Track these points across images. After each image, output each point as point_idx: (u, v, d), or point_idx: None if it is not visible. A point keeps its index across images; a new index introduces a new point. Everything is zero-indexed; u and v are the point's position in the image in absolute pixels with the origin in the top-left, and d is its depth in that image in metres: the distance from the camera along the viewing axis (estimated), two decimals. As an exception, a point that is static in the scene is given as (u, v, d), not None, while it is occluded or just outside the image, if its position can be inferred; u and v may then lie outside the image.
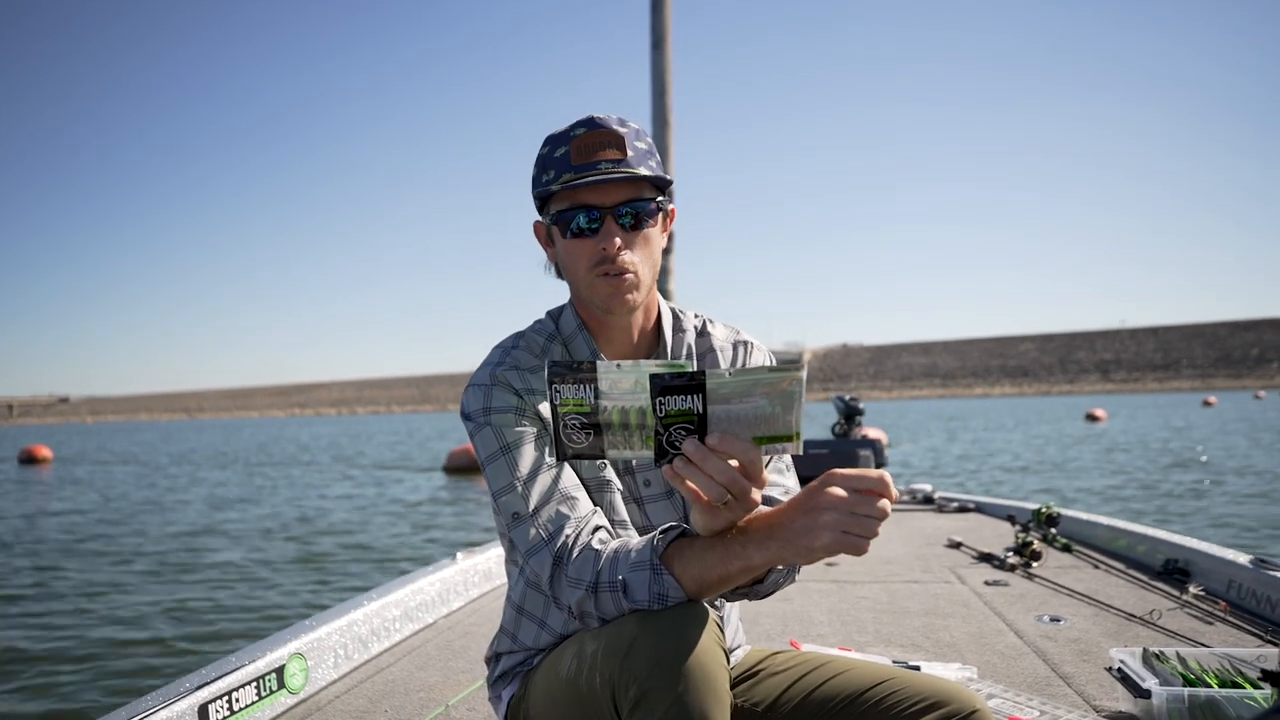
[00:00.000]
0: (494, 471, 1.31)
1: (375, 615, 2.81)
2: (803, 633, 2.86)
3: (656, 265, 1.38)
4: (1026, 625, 2.88)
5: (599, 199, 1.30)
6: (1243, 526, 8.55)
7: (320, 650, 2.50)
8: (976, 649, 2.65)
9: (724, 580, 1.12)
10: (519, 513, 1.27)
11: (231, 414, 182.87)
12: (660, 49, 6.31)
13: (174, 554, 8.87)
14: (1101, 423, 33.39)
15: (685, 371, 1.01)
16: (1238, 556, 3.10)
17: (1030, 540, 3.79)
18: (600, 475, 1.36)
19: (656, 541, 1.17)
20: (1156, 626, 2.77)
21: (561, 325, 1.46)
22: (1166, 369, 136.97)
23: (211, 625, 5.76)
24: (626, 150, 1.31)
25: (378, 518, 11.37)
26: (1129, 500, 10.77)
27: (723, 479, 1.04)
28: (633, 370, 1.01)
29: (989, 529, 4.62)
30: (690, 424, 1.02)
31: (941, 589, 3.42)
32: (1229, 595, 3.02)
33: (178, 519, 11.92)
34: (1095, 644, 2.64)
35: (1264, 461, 15.27)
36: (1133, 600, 3.10)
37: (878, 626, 2.93)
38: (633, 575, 1.15)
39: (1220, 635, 2.66)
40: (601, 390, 1.01)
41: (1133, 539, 3.77)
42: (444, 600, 3.27)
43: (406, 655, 2.77)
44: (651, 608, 1.14)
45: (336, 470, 20.65)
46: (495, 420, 1.32)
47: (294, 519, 11.40)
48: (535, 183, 1.37)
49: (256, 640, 2.42)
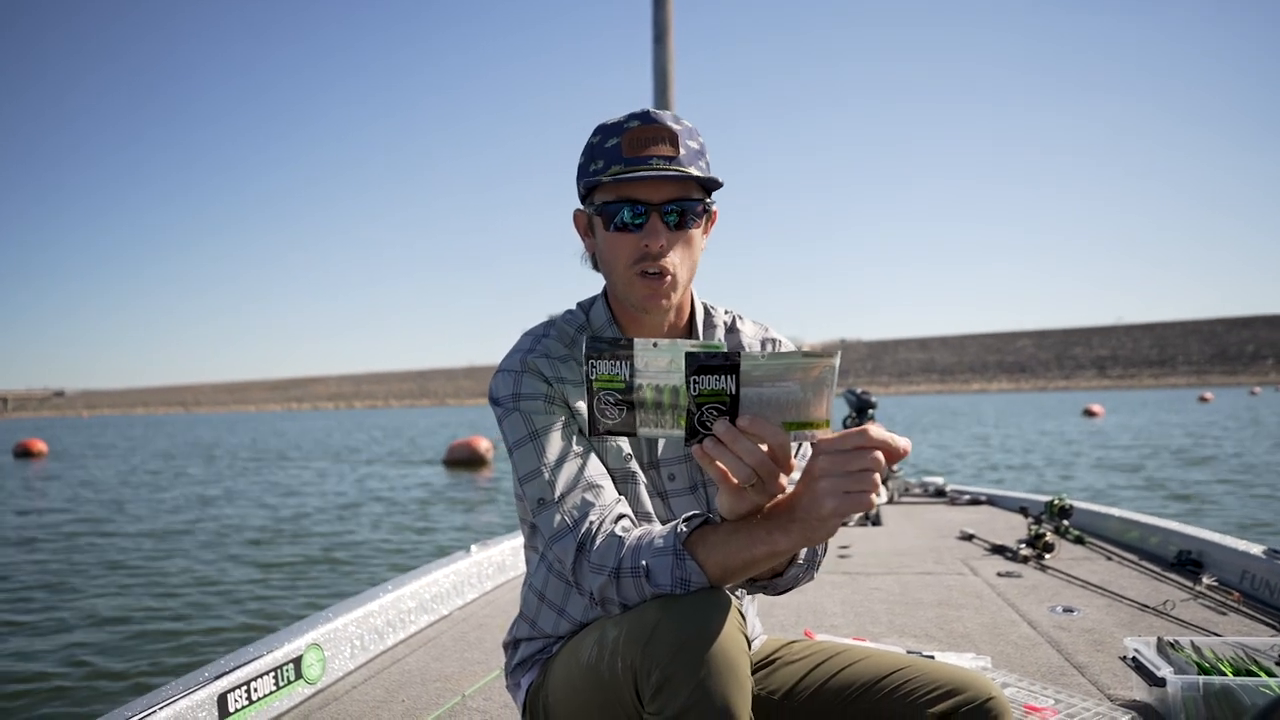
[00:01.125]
0: (521, 457, 1.31)
1: (391, 607, 2.81)
2: (817, 623, 2.86)
3: (695, 267, 1.38)
4: (1040, 616, 2.88)
5: (647, 195, 1.29)
6: (1255, 520, 8.56)
7: (337, 641, 2.50)
8: (990, 639, 2.65)
9: (748, 565, 1.12)
10: (544, 498, 1.28)
11: (228, 408, 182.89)
12: (662, 43, 6.28)
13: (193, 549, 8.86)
14: (1099, 418, 33.41)
15: (720, 351, 1.01)
16: (1251, 547, 3.10)
17: (1043, 532, 3.79)
18: (626, 467, 1.36)
19: (680, 528, 1.17)
20: (1170, 617, 2.77)
21: (592, 317, 1.46)
22: (1162, 365, 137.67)
23: (219, 621, 5.77)
24: (679, 148, 1.30)
25: (374, 514, 11.36)
26: (1134, 498, 10.79)
27: (751, 461, 1.04)
28: (669, 349, 1.01)
29: (1001, 521, 4.62)
30: (722, 405, 1.03)
31: (954, 580, 3.42)
32: (1242, 585, 3.02)
33: (201, 513, 11.91)
34: (1109, 634, 2.64)
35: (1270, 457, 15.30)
36: (1146, 591, 3.10)
37: (891, 617, 2.93)
38: (656, 560, 1.15)
39: (1234, 625, 2.67)
40: (637, 368, 1.01)
41: (1145, 530, 3.77)
42: (459, 592, 3.27)
43: (422, 646, 2.77)
44: (674, 592, 1.13)
45: (333, 465, 20.65)
46: (525, 406, 1.32)
47: (287, 517, 11.33)
48: (582, 171, 1.36)
49: (273, 633, 2.42)
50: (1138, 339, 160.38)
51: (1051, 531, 4.01)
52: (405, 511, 11.45)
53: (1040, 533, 3.82)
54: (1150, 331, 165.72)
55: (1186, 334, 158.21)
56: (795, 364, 1.01)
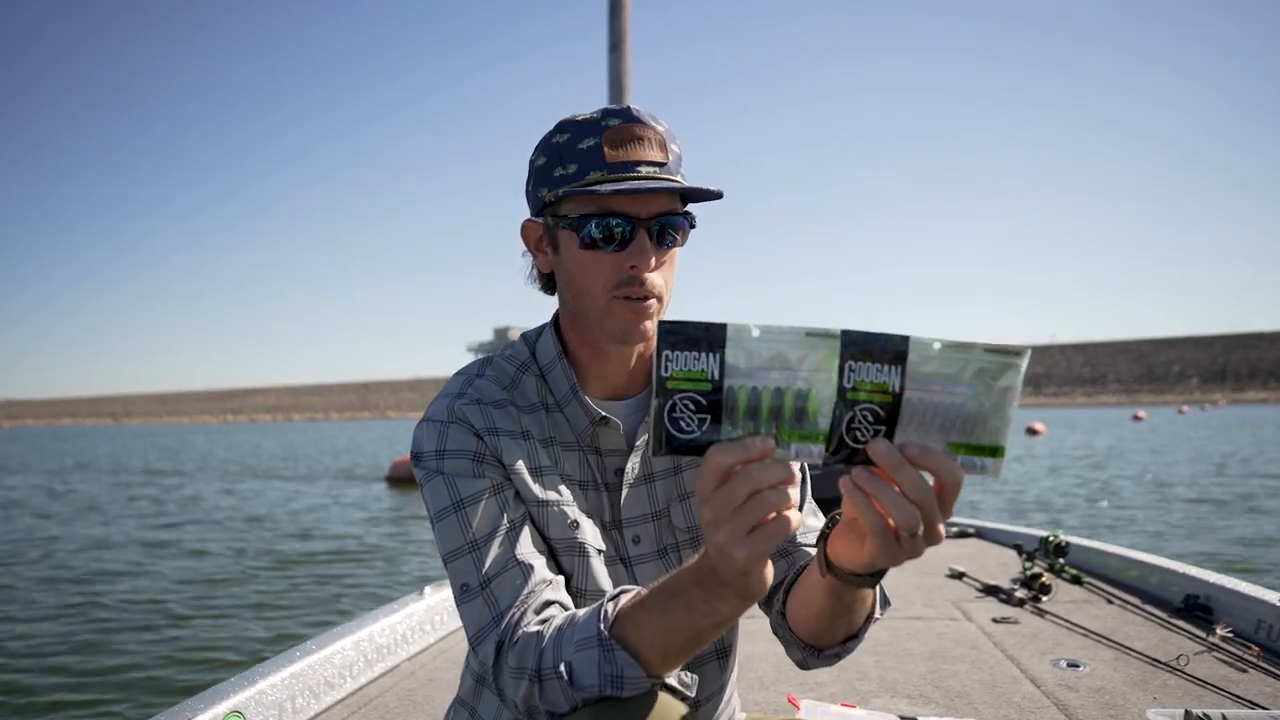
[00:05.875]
0: (443, 531, 1.09)
1: (328, 661, 2.53)
2: (800, 681, 2.60)
3: (673, 289, 1.18)
4: (1042, 671, 2.64)
5: (634, 209, 1.08)
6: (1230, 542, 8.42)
7: (263, 706, 2.21)
8: (991, 700, 2.41)
9: (692, 643, 0.90)
10: (468, 584, 1.06)
11: (161, 419, 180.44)
12: (618, 51, 6.13)
13: (81, 583, 8.06)
14: (1041, 436, 33.44)
15: (879, 334, 0.75)
16: (1266, 594, 2.87)
17: (1038, 571, 3.56)
18: (572, 538, 1.13)
19: (605, 609, 0.94)
20: (1185, 674, 2.53)
21: (538, 352, 1.22)
22: (1094, 383, 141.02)
23: (127, 673, 5.15)
24: (667, 153, 1.11)
25: (311, 544, 10.84)
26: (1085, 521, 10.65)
27: (918, 499, 0.77)
28: (782, 336, 0.75)
29: (992, 557, 4.38)
30: (879, 409, 0.76)
31: (947, 628, 3.18)
32: (1258, 637, 2.79)
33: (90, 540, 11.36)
34: (1121, 695, 2.40)
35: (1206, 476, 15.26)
36: (1155, 642, 2.86)
37: (881, 673, 2.68)
38: (579, 656, 0.93)
39: (1256, 685, 2.43)
40: (729, 362, 0.75)
41: (1146, 570, 3.54)
42: (408, 640, 2.99)
43: (363, 707, 2.48)
44: (605, 694, 0.91)
45: (263, 484, 20.09)
46: (449, 467, 1.10)
47: (196, 549, 10.34)
48: (541, 176, 1.13)
49: (187, 696, 2.13)
50: (1070, 358, 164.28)
51: (1047, 570, 3.78)
52: (347, 538, 10.79)
53: (1036, 572, 3.59)
54: (1082, 351, 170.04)
55: (1116, 353, 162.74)
56: (977, 361, 0.75)
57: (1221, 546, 8.66)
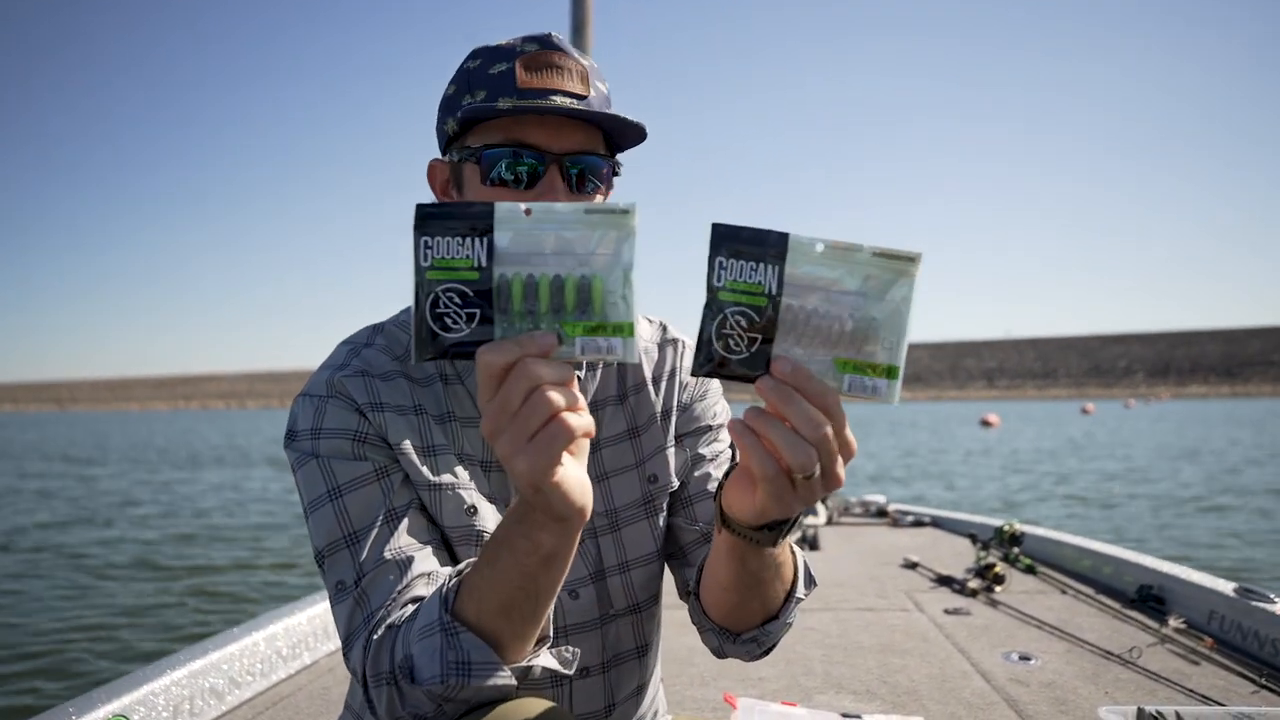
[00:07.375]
0: (318, 523, 0.95)
1: (235, 659, 2.33)
2: (741, 679, 2.46)
3: None
4: (993, 665, 2.54)
5: (545, 141, 0.95)
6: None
7: (153, 708, 2.01)
8: (940, 696, 2.29)
9: (531, 594, 0.77)
10: (343, 581, 0.92)
11: (109, 406, 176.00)
12: (581, 34, 6.02)
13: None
14: (995, 428, 34.02)
15: (754, 228, 0.65)
16: (1219, 584, 2.81)
17: (992, 561, 3.48)
18: (469, 524, 0.99)
19: (446, 588, 0.81)
20: (1138, 667, 2.45)
21: None
22: (1045, 377, 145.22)
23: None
24: (589, 88, 0.98)
25: (225, 532, 10.53)
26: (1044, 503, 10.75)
27: (814, 437, 0.67)
28: (562, 217, 0.63)
29: (946, 546, 4.30)
30: (753, 313, 0.65)
31: (898, 619, 3.07)
32: (1212, 629, 2.72)
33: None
34: (1073, 690, 2.31)
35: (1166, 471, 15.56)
36: (1107, 633, 2.78)
37: (828, 668, 2.56)
38: (420, 645, 0.80)
39: (1209, 678, 2.35)
40: (500, 248, 0.62)
41: (1100, 560, 3.48)
42: (329, 634, 2.80)
43: (270, 708, 2.29)
44: (451, 685, 0.77)
45: (193, 472, 19.58)
46: (325, 448, 0.96)
47: (103, 537, 9.81)
48: (449, 105, 1.00)
49: (65, 700, 1.92)
50: (1023, 352, 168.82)
51: (1001, 560, 3.71)
52: (262, 524, 10.40)
53: (990, 562, 3.50)
54: (1034, 346, 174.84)
55: (1066, 349, 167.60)
56: (866, 264, 0.65)
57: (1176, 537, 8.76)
